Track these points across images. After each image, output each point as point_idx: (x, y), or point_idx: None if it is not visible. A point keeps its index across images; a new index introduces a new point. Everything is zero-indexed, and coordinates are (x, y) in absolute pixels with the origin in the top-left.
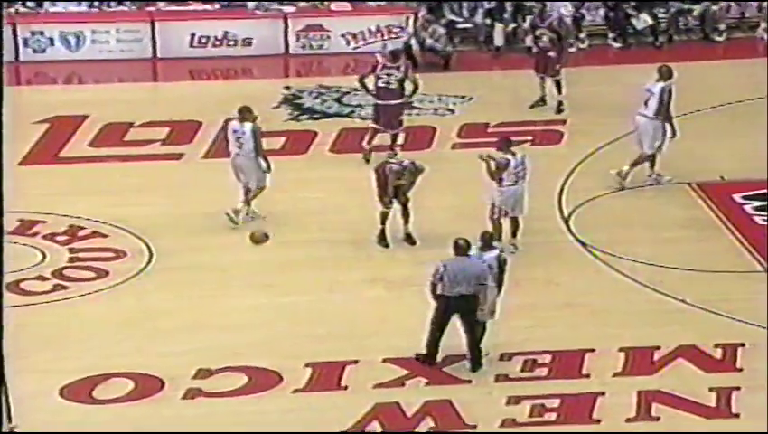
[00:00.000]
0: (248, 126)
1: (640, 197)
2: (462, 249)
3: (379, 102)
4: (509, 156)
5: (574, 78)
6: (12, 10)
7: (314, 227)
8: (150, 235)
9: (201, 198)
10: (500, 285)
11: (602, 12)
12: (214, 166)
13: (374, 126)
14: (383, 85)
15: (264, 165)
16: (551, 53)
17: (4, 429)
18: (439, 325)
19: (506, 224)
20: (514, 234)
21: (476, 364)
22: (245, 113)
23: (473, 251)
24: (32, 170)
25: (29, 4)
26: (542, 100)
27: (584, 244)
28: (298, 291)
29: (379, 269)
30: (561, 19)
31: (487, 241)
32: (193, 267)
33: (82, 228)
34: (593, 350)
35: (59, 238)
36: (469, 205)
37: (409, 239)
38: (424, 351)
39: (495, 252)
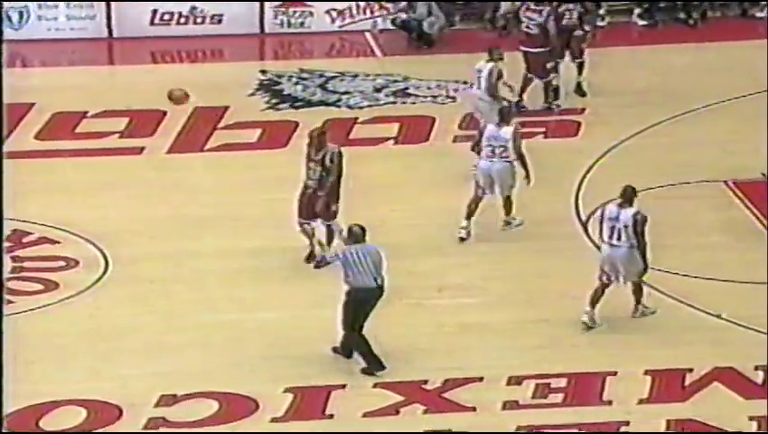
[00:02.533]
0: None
1: (668, 198)
2: (357, 235)
3: (522, 48)
4: (492, 126)
5: (592, 60)
6: None
7: (295, 232)
8: (106, 241)
9: (165, 198)
10: (642, 246)
11: None
12: (180, 162)
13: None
14: (525, 29)
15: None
16: (577, 32)
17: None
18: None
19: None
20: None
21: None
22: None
23: (609, 207)
24: None
25: None
26: (520, 101)
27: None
28: (277, 306)
29: None
30: None
31: (627, 197)
32: (156, 278)
33: (28, 233)
34: (615, 373)
35: None
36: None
37: None
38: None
39: (633, 210)
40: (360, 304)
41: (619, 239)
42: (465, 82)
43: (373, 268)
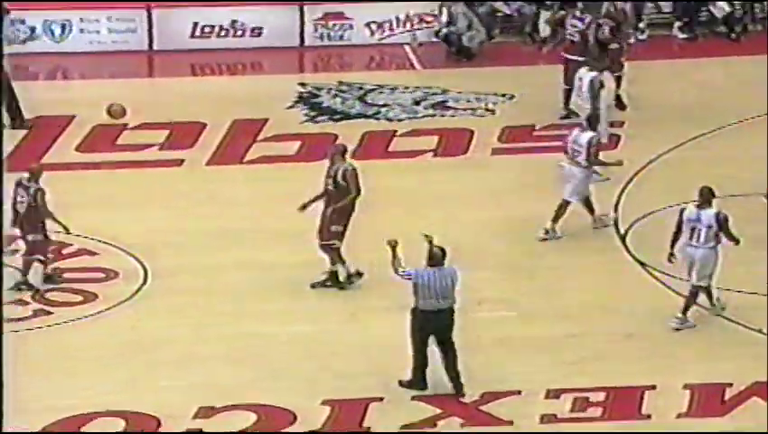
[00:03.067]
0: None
1: None
2: (436, 258)
3: (563, 54)
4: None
5: (632, 73)
6: None
7: None
8: (145, 253)
9: (204, 211)
10: (736, 241)
11: None
12: (219, 174)
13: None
14: (568, 37)
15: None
16: (613, 45)
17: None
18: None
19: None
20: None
21: (459, 387)
22: None
23: (688, 209)
24: (11, 178)
25: None
26: (571, 112)
27: (643, 265)
28: (315, 319)
29: (407, 294)
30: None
31: (705, 198)
32: (195, 290)
33: (68, 245)
34: (654, 387)
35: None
36: (511, 218)
37: None
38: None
39: (713, 210)
40: (426, 325)
41: (698, 240)
42: (504, 95)
43: (446, 290)
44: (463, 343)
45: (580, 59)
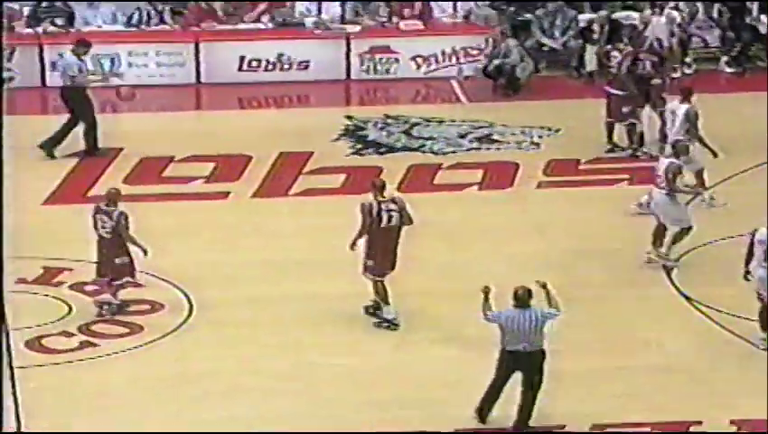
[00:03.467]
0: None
1: None
2: (521, 299)
3: (605, 88)
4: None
5: None
6: (39, 30)
7: None
8: (191, 285)
9: (250, 243)
10: None
11: (716, 32)
12: (265, 207)
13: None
14: (610, 70)
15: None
16: (655, 81)
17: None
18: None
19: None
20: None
21: (523, 426)
22: None
23: (762, 231)
24: (59, 210)
25: (58, 21)
26: (616, 146)
27: (689, 299)
28: (359, 351)
29: (452, 326)
30: (660, 41)
31: None
32: (240, 322)
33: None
34: (699, 422)
35: (87, 288)
36: (557, 253)
37: None
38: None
39: None
40: (513, 365)
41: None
42: (549, 129)
43: (532, 332)
44: None
45: (620, 93)
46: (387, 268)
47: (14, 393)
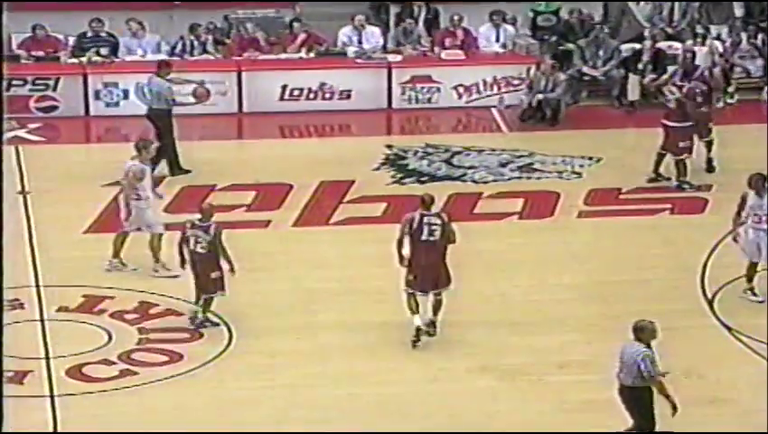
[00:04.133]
0: None
1: None
2: (636, 330)
3: (662, 121)
4: (750, 194)
5: (720, 137)
6: (83, 59)
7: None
8: (230, 314)
9: (290, 272)
10: None
11: (759, 62)
12: (306, 236)
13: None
14: (666, 103)
15: None
16: (702, 109)
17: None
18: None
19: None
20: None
21: None
22: None
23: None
24: (100, 238)
25: (102, 51)
26: (660, 176)
27: (730, 329)
28: (396, 380)
29: (490, 356)
30: (711, 70)
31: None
32: (280, 351)
33: (154, 305)
34: None
35: (127, 316)
36: (597, 283)
37: None
38: None
39: None
40: (633, 403)
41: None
42: (591, 158)
43: (625, 366)
44: (546, 406)
45: (680, 125)
46: (427, 286)
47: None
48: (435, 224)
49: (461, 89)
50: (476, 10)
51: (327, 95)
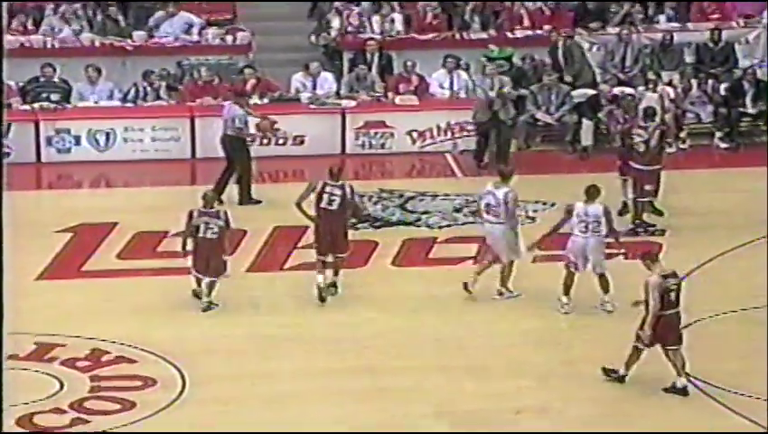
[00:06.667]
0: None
1: (754, 321)
2: None
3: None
4: (578, 203)
5: (673, 183)
6: (35, 105)
7: (374, 351)
8: (183, 361)
9: (244, 318)
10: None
11: (709, 108)
12: (260, 281)
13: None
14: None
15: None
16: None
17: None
18: None
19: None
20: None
21: None
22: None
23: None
24: (52, 285)
25: (53, 97)
26: (644, 223)
27: (688, 376)
28: (351, 427)
29: (445, 402)
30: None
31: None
32: (232, 398)
33: (106, 352)
34: None
35: (79, 364)
36: (551, 328)
37: None
38: None
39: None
40: None
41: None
42: (545, 203)
43: None
44: None
45: (646, 168)
46: (324, 249)
47: None
48: (335, 194)
49: (415, 135)
50: (430, 56)
51: (281, 140)
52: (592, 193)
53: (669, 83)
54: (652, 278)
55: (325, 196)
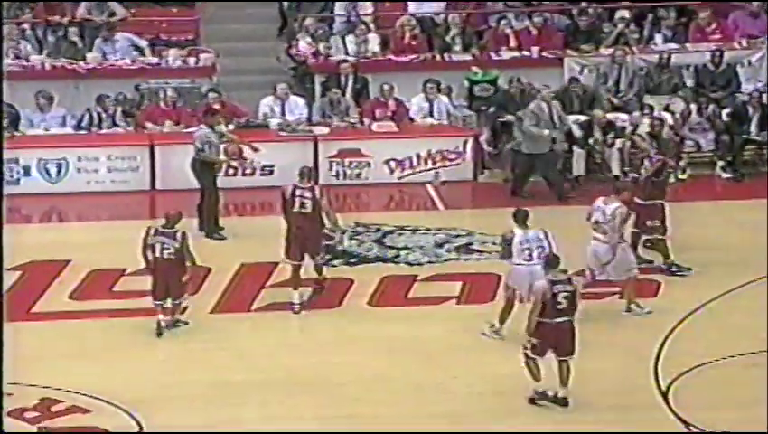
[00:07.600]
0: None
1: (756, 366)
2: None
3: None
4: (516, 230)
5: (673, 215)
6: None
7: (350, 397)
8: (141, 410)
9: (208, 362)
10: None
11: (710, 135)
12: (225, 323)
13: None
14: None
15: None
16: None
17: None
18: None
19: None
20: None
21: None
22: None
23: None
24: None
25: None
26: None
27: (687, 424)
28: None
29: None
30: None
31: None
32: None
33: (57, 401)
34: None
35: (27, 415)
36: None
37: None
38: None
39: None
40: None
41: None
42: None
43: None
44: None
45: (643, 202)
46: (296, 253)
47: None
48: (306, 197)
49: (393, 164)
50: (408, 79)
51: (248, 171)
52: (522, 218)
53: (666, 108)
54: (539, 282)
55: (297, 200)
